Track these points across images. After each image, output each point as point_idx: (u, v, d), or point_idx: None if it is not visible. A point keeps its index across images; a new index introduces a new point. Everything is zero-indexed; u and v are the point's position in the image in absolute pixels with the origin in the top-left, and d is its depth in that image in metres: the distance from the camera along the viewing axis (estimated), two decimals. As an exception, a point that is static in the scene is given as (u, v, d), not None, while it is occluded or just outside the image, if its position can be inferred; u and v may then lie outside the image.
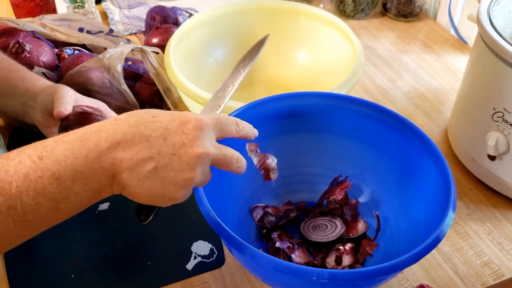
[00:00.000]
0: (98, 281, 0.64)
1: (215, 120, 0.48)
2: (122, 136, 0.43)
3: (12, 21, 0.85)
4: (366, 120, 0.66)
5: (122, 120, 0.44)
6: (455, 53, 1.07)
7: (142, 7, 1.08)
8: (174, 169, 0.44)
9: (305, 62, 0.93)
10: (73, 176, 0.41)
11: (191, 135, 0.44)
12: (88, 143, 0.42)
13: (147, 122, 0.44)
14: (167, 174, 0.44)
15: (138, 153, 0.43)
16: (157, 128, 0.44)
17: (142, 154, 0.43)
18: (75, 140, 0.42)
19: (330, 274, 0.48)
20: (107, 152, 0.42)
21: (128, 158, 0.42)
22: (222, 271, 0.66)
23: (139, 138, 0.43)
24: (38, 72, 0.80)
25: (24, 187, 0.39)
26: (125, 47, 0.81)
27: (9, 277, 0.64)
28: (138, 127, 0.43)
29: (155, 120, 0.44)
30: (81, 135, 0.42)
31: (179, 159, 0.44)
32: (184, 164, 0.44)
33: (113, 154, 0.42)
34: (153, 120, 0.44)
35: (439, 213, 0.54)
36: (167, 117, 0.45)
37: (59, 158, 0.41)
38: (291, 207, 0.69)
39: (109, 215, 0.71)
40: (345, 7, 1.16)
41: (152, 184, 0.44)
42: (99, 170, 0.42)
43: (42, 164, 0.40)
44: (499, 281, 0.66)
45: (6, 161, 0.40)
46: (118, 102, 0.80)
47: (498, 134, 0.70)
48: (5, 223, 0.39)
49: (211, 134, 0.46)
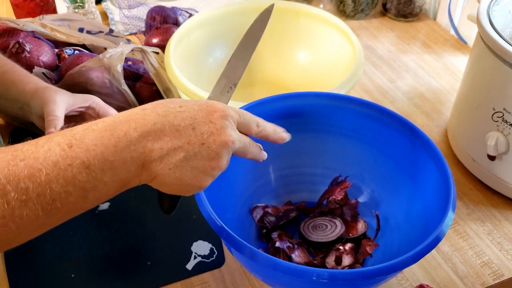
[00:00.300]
0: (98, 281, 0.64)
1: (238, 113, 0.49)
2: (152, 126, 0.43)
3: (12, 21, 0.85)
4: (366, 120, 0.66)
5: (150, 110, 0.44)
6: (455, 53, 1.07)
7: (142, 7, 1.08)
8: (204, 158, 0.45)
9: (305, 62, 0.93)
10: (102, 165, 0.41)
11: (219, 124, 0.46)
12: (118, 132, 0.42)
13: (175, 112, 0.45)
14: (197, 163, 0.45)
15: (168, 143, 0.43)
16: (185, 118, 0.45)
17: (172, 143, 0.43)
18: (104, 129, 0.42)
19: (330, 274, 0.48)
20: (137, 141, 0.42)
21: (158, 148, 0.43)
22: (222, 271, 0.66)
23: (168, 128, 0.44)
24: (38, 72, 0.80)
25: (54, 174, 0.39)
26: (125, 47, 0.81)
27: (9, 277, 0.64)
28: (167, 117, 0.44)
29: (183, 110, 0.45)
30: (110, 124, 0.43)
31: (208, 148, 0.45)
32: (213, 153, 0.45)
33: (143, 144, 0.43)
34: (181, 110, 0.45)
35: (439, 213, 0.54)
36: (194, 107, 0.46)
37: (89, 147, 0.41)
38: (291, 207, 0.69)
39: (109, 215, 0.71)
40: (345, 7, 1.16)
41: (182, 173, 0.44)
42: (129, 160, 0.42)
43: (72, 152, 0.40)
44: (499, 281, 0.66)
45: (35, 148, 0.40)
46: (118, 102, 0.80)
47: (498, 134, 0.70)
48: (34, 210, 0.38)
49: (234, 125, 0.48)
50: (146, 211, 0.72)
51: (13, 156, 0.39)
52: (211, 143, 0.45)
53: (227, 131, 0.46)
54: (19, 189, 0.38)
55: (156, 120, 0.44)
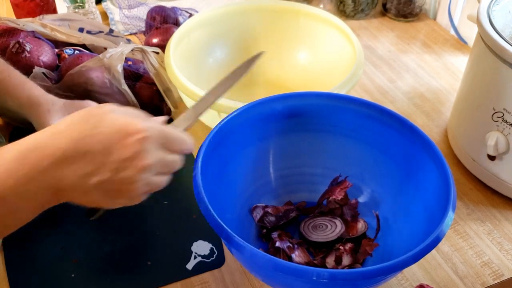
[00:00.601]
0: (98, 281, 0.64)
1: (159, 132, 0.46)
2: (63, 153, 0.42)
3: (12, 21, 0.85)
4: (366, 120, 0.66)
5: (62, 134, 0.43)
6: (455, 53, 1.07)
7: (142, 7, 1.08)
8: (118, 183, 0.44)
9: (305, 62, 0.93)
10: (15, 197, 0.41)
11: (135, 148, 0.44)
12: (28, 162, 0.42)
13: (90, 135, 0.43)
14: (112, 186, 0.44)
15: (80, 169, 0.43)
16: (100, 141, 0.43)
17: (84, 169, 0.43)
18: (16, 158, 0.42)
19: (330, 274, 0.48)
20: (50, 169, 0.42)
21: (70, 175, 0.42)
22: (222, 271, 0.66)
23: (81, 153, 0.43)
24: (38, 72, 0.80)
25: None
26: (125, 47, 0.81)
27: (9, 277, 0.64)
28: (80, 141, 0.43)
29: (98, 132, 0.43)
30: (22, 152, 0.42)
31: (122, 172, 0.44)
32: (127, 178, 0.44)
33: (55, 172, 0.42)
34: (96, 132, 0.43)
35: (439, 213, 0.54)
36: (111, 129, 0.44)
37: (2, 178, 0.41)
38: (291, 207, 0.69)
39: (109, 215, 0.71)
40: (345, 7, 1.16)
41: (97, 197, 0.44)
42: (43, 188, 0.42)
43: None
44: (499, 281, 0.66)
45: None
46: (118, 102, 0.80)
47: (498, 134, 0.70)
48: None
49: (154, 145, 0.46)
50: (146, 211, 0.72)
51: None
52: (125, 168, 0.44)
53: (143, 155, 0.44)
54: None
55: (69, 145, 0.42)
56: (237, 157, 0.66)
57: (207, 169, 0.57)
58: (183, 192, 0.75)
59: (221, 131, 0.62)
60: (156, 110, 0.85)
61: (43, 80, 0.80)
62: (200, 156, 0.57)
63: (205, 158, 0.58)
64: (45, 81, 0.80)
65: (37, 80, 0.79)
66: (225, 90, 0.59)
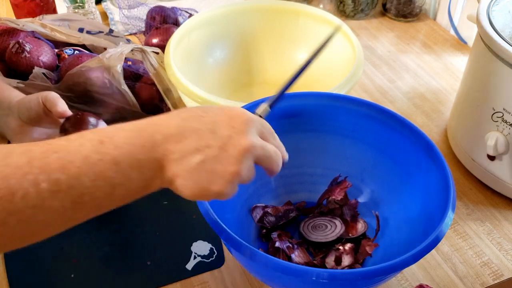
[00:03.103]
0: (98, 281, 0.64)
1: (261, 122, 0.50)
2: (174, 129, 0.45)
3: (12, 21, 0.85)
4: (366, 120, 0.66)
5: (174, 115, 0.46)
6: (454, 53, 1.07)
7: (142, 7, 1.08)
8: (221, 162, 0.45)
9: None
10: (130, 162, 0.42)
11: (239, 129, 0.46)
12: (144, 134, 0.44)
13: (198, 117, 0.46)
14: (215, 166, 0.45)
15: (187, 145, 0.44)
16: (207, 122, 0.46)
17: (191, 146, 0.44)
18: (133, 130, 0.44)
19: (330, 274, 0.48)
20: (160, 143, 0.44)
21: (178, 150, 0.44)
22: (222, 271, 0.66)
23: (189, 131, 0.45)
24: (38, 72, 0.80)
25: (85, 168, 0.40)
26: (125, 47, 0.81)
27: (9, 277, 0.64)
28: (188, 121, 0.45)
29: (205, 115, 0.46)
30: (138, 126, 0.45)
31: (226, 152, 0.45)
32: (230, 157, 0.45)
33: (166, 146, 0.44)
34: (203, 115, 0.46)
35: (439, 213, 0.54)
36: (217, 111, 0.47)
37: (119, 144, 0.42)
38: (290, 207, 0.69)
39: (109, 215, 0.71)
40: (345, 7, 1.16)
41: (200, 176, 0.45)
42: (153, 160, 0.44)
43: (102, 148, 0.42)
44: (499, 281, 0.66)
45: (67, 142, 0.42)
46: (118, 102, 0.80)
47: (498, 134, 0.70)
48: (63, 202, 0.40)
49: (256, 131, 0.48)
50: (146, 211, 0.72)
51: (46, 148, 0.40)
52: (230, 147, 0.45)
53: (247, 135, 0.46)
54: (51, 179, 0.39)
55: (179, 124, 0.45)
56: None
57: (207, 169, 0.57)
58: (183, 192, 0.75)
59: (221, 131, 0.62)
60: (156, 110, 0.85)
61: (43, 80, 0.80)
62: (200, 156, 0.57)
63: (205, 158, 0.58)
64: (45, 81, 0.80)
65: (37, 80, 0.79)
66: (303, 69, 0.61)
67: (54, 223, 0.41)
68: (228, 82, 0.92)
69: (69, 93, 0.79)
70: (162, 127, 0.45)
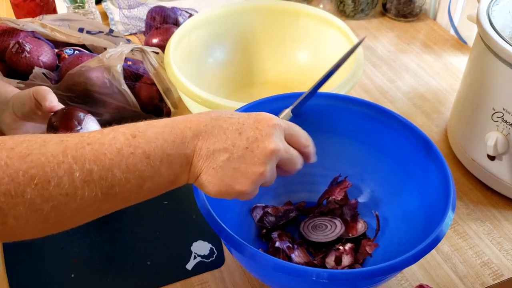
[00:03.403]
0: (98, 281, 0.64)
1: (288, 125, 0.51)
2: (204, 127, 0.46)
3: (12, 21, 0.85)
4: (366, 120, 0.66)
5: (204, 114, 0.48)
6: (454, 53, 1.07)
7: (142, 7, 1.08)
8: (246, 162, 0.46)
9: (305, 62, 0.93)
10: (161, 157, 0.44)
11: (264, 131, 0.47)
12: (176, 130, 0.45)
13: (226, 118, 0.48)
14: (239, 165, 0.46)
15: (215, 143, 0.46)
16: (234, 123, 0.47)
17: (219, 144, 0.46)
18: (164, 125, 0.46)
19: (330, 274, 0.48)
20: (190, 139, 0.45)
21: (206, 147, 0.46)
22: (222, 271, 0.66)
23: (217, 130, 0.47)
24: (38, 72, 0.80)
25: (117, 160, 0.42)
26: (125, 47, 0.81)
27: (9, 277, 0.64)
28: (217, 120, 0.47)
29: (233, 116, 0.48)
30: (170, 123, 0.46)
31: (251, 153, 0.47)
32: (255, 158, 0.47)
33: (195, 142, 0.46)
34: (231, 116, 0.48)
35: (439, 213, 0.54)
36: (244, 115, 0.49)
37: (151, 139, 0.44)
38: (290, 207, 0.69)
39: (109, 215, 0.71)
40: (345, 7, 1.16)
41: (224, 173, 0.46)
42: (182, 155, 0.45)
43: (135, 141, 0.43)
44: (499, 281, 0.66)
45: (101, 135, 0.43)
46: (118, 102, 0.80)
47: (498, 134, 0.70)
48: (94, 192, 0.41)
49: (282, 135, 0.49)
50: (146, 211, 0.72)
51: (80, 140, 0.42)
52: (255, 148, 0.47)
53: (273, 138, 0.47)
54: (84, 170, 0.40)
55: (208, 122, 0.47)
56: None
57: (207, 169, 0.57)
58: (183, 192, 0.75)
59: (221, 131, 0.62)
60: (156, 110, 0.85)
61: (43, 80, 0.80)
62: (200, 156, 0.57)
63: (205, 158, 0.58)
64: (45, 81, 0.80)
65: (37, 80, 0.80)
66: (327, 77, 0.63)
67: (83, 212, 0.42)
68: (228, 82, 0.92)
69: (69, 93, 0.79)
70: (193, 124, 0.46)
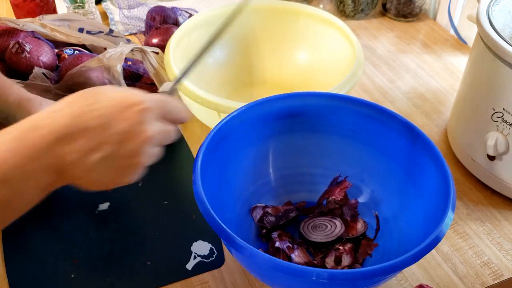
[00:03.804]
0: (98, 281, 0.64)
1: (161, 103, 0.47)
2: (64, 129, 0.42)
3: (12, 21, 0.85)
4: (366, 120, 0.66)
5: (59, 112, 0.43)
6: (454, 53, 1.07)
7: (142, 8, 1.08)
8: (121, 157, 0.43)
9: (305, 62, 0.93)
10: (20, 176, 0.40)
11: (135, 120, 0.43)
12: (30, 141, 0.41)
13: (88, 111, 0.43)
14: (115, 162, 0.43)
15: (81, 146, 0.42)
16: (99, 116, 0.43)
17: (86, 145, 0.42)
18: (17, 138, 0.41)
19: (330, 274, 0.48)
20: (50, 148, 0.41)
21: (71, 152, 0.42)
22: (222, 271, 0.66)
23: (81, 130, 0.42)
24: (38, 72, 0.80)
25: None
26: (125, 47, 0.81)
27: (9, 277, 0.64)
28: (79, 117, 0.42)
29: (97, 107, 0.43)
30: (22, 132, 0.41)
31: (125, 146, 0.43)
32: (131, 151, 0.44)
33: (57, 150, 0.41)
34: (95, 107, 0.43)
35: (439, 213, 0.54)
36: (109, 103, 0.44)
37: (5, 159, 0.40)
38: (290, 207, 0.69)
39: (109, 215, 0.71)
40: (345, 8, 1.16)
41: (100, 174, 0.43)
42: (48, 166, 0.41)
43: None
44: (499, 281, 0.66)
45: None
46: (118, 102, 0.80)
47: (498, 134, 0.70)
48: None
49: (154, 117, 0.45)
50: (146, 211, 0.72)
51: None
52: (128, 141, 0.43)
53: (145, 126, 0.44)
54: None
55: (67, 122, 0.42)
56: (237, 157, 0.66)
57: (206, 169, 0.57)
58: (183, 192, 0.75)
59: (221, 131, 0.62)
60: (156, 110, 0.85)
61: (43, 80, 0.80)
62: (199, 156, 0.58)
63: (204, 158, 0.58)
64: (45, 81, 0.80)
65: (37, 80, 0.79)
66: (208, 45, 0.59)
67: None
68: (228, 82, 0.92)
69: (69, 93, 0.79)
70: (48, 129, 0.41)
